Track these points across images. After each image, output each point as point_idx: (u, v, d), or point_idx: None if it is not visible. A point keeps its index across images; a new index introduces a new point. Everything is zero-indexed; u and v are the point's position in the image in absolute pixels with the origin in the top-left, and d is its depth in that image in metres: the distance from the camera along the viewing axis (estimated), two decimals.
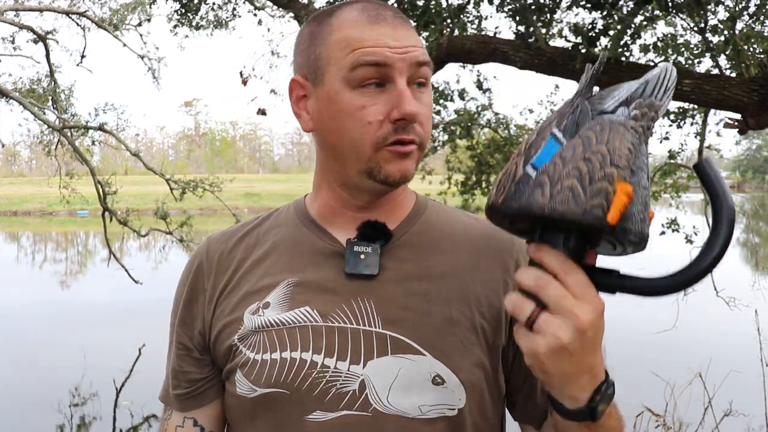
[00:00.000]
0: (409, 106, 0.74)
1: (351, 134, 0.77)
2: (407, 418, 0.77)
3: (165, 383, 0.93)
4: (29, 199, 34.00)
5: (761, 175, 65.60)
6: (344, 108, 0.76)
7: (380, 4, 0.80)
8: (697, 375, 4.07)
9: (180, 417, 0.90)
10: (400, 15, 0.80)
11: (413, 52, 0.76)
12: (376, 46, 0.75)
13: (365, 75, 0.75)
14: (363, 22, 0.77)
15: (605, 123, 0.61)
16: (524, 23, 4.45)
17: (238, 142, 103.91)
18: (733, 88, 3.73)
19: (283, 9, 6.36)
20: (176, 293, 0.93)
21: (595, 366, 0.65)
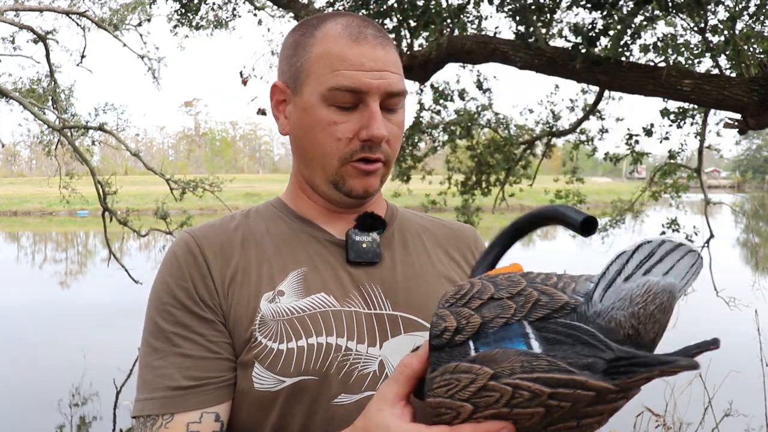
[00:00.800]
0: (378, 130, 0.79)
1: (321, 147, 0.82)
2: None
3: (150, 389, 0.80)
4: (29, 199, 33.99)
5: (761, 175, 65.54)
6: (317, 121, 0.82)
7: (364, 21, 0.84)
8: (697, 375, 4.06)
9: (195, 414, 0.78)
10: (382, 33, 0.83)
11: (388, 80, 0.80)
12: (355, 69, 0.79)
13: (341, 98, 0.80)
14: (345, 39, 0.81)
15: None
16: (524, 23, 4.46)
17: (238, 142, 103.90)
18: (733, 88, 3.73)
19: (283, 9, 6.36)
20: (171, 284, 0.82)
21: None
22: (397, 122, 0.84)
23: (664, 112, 5.86)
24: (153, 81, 9.44)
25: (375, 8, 4.60)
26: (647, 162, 11.03)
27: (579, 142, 7.19)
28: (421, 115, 6.69)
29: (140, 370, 0.82)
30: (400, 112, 0.85)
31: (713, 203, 6.97)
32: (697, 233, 6.62)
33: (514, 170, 7.17)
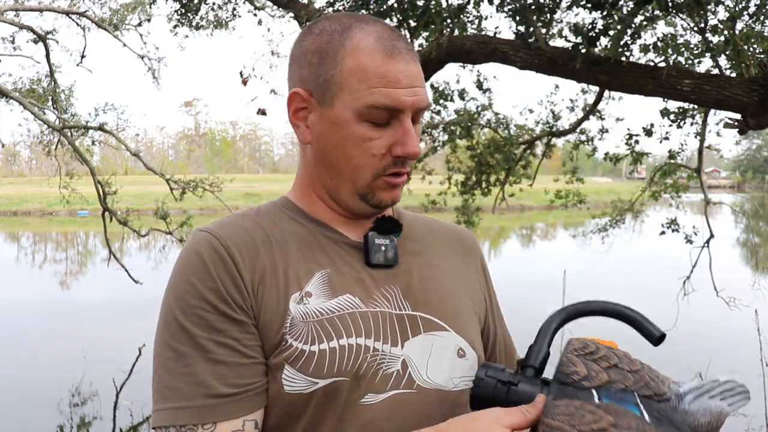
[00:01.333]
0: (413, 148, 0.82)
1: (355, 161, 0.83)
2: (445, 391, 0.84)
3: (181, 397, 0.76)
4: (29, 199, 33.98)
5: (761, 175, 65.52)
6: (351, 136, 0.82)
7: (393, 32, 0.83)
8: (697, 375, 4.07)
9: (238, 422, 0.76)
10: (411, 46, 0.85)
11: (420, 96, 0.82)
12: (393, 86, 0.80)
13: (378, 115, 0.81)
14: (380, 54, 0.80)
15: None
16: (524, 23, 4.45)
17: (238, 142, 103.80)
18: (733, 88, 3.73)
19: (283, 9, 6.36)
20: (199, 286, 0.79)
21: None
22: (419, 133, 0.87)
23: (664, 112, 5.86)
24: (153, 81, 9.44)
25: (375, 8, 4.60)
26: (647, 162, 11.03)
27: (579, 142, 7.18)
28: None
29: (162, 376, 0.77)
30: (419, 126, 0.88)
31: (713, 203, 6.97)
32: (697, 233, 6.62)
33: (514, 170, 7.17)
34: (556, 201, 7.79)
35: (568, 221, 25.82)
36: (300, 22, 5.24)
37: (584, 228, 17.85)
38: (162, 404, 0.76)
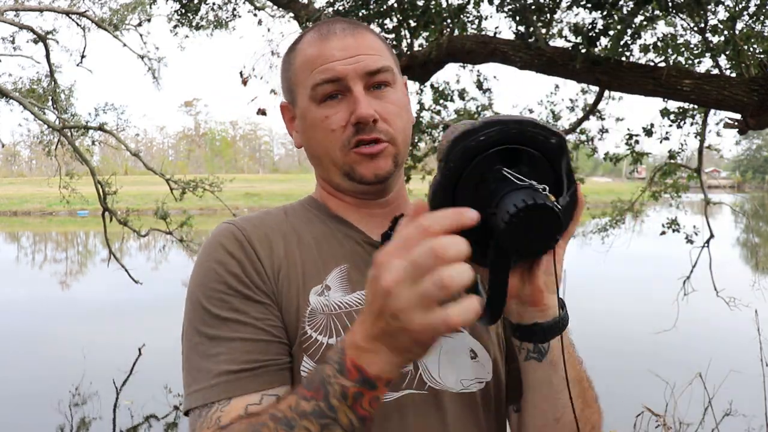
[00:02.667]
0: (362, 109, 0.82)
1: (322, 143, 0.86)
2: (454, 393, 0.83)
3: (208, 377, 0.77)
4: (29, 199, 33.98)
5: (761, 175, 65.49)
6: (313, 121, 0.86)
7: (335, 20, 0.90)
8: (697, 375, 4.07)
9: (255, 396, 0.75)
10: (352, 24, 0.88)
11: (364, 61, 0.84)
12: (328, 61, 0.84)
13: (324, 91, 0.84)
14: (315, 40, 0.86)
15: None
16: (524, 23, 4.45)
17: (238, 142, 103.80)
18: (733, 88, 3.72)
19: (283, 9, 6.36)
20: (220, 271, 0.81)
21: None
22: (392, 100, 0.87)
23: (664, 112, 5.86)
24: (153, 81, 9.45)
25: (375, 8, 4.60)
26: (647, 162, 11.03)
27: (579, 142, 7.18)
28: (421, 115, 6.68)
29: (189, 360, 0.79)
30: (393, 90, 0.87)
31: (713, 203, 6.97)
32: (697, 233, 6.61)
33: None
34: None
35: None
36: (300, 22, 5.24)
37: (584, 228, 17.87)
38: (189, 388, 0.78)
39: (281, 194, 34.68)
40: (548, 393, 0.78)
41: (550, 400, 0.79)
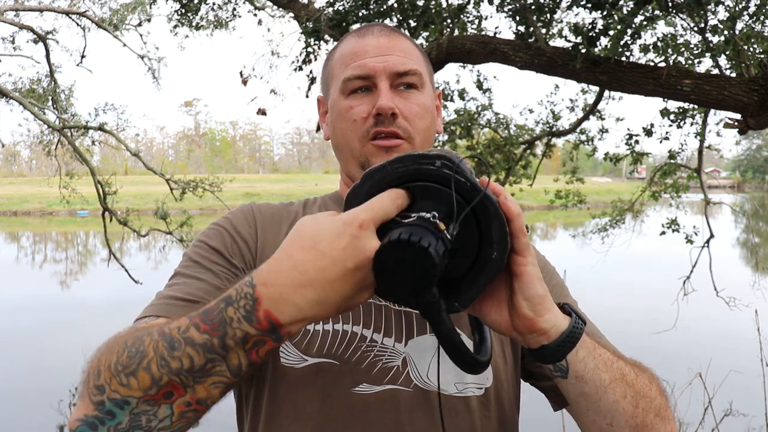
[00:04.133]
0: (382, 102, 0.86)
1: (344, 133, 0.90)
2: (445, 395, 0.83)
3: (155, 299, 0.84)
4: (29, 199, 33.98)
5: (761, 175, 65.52)
6: (339, 112, 0.91)
7: (375, 23, 0.96)
8: (697, 375, 4.06)
9: (183, 320, 0.67)
10: (388, 28, 0.93)
11: (392, 61, 0.88)
12: (361, 58, 0.89)
13: (354, 85, 0.89)
14: (354, 38, 0.93)
15: None
16: (524, 23, 4.45)
17: (238, 142, 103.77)
18: (733, 88, 3.72)
19: (283, 9, 6.36)
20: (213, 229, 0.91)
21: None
22: (417, 101, 0.90)
23: (664, 112, 5.86)
24: (153, 81, 9.44)
25: (375, 8, 4.60)
26: (647, 162, 11.03)
27: (579, 142, 7.18)
28: None
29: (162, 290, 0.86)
30: (419, 93, 0.90)
31: (713, 203, 6.97)
32: (697, 233, 6.61)
33: (514, 170, 7.17)
34: (556, 201, 7.79)
35: (568, 221, 25.83)
36: (300, 22, 5.24)
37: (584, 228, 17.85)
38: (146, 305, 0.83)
39: (281, 194, 34.70)
40: (587, 404, 0.75)
41: (593, 409, 0.76)
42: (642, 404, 0.75)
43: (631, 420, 0.74)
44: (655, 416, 0.76)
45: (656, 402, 0.77)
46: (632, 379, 0.75)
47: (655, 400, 0.77)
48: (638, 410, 0.74)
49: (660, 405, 0.77)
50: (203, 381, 0.62)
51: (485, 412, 0.86)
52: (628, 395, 0.74)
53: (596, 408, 0.75)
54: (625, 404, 0.73)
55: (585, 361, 0.72)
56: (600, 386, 0.72)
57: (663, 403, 0.78)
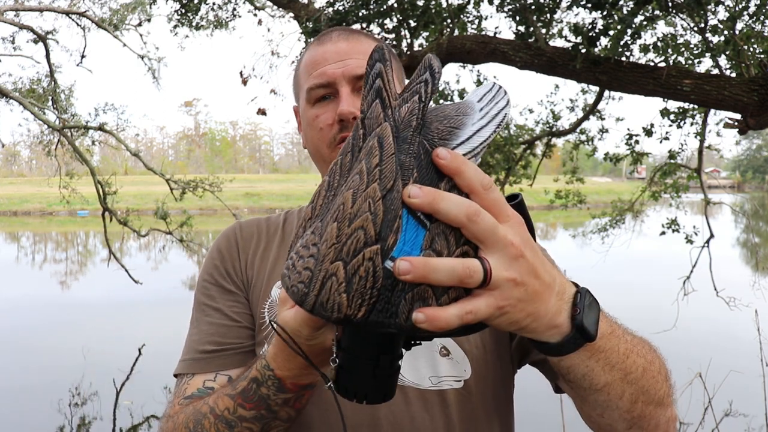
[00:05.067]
0: (343, 107, 0.87)
1: (313, 141, 0.93)
2: (420, 389, 0.83)
3: (185, 352, 0.92)
4: (29, 199, 33.98)
5: (761, 175, 65.52)
6: (307, 121, 0.93)
7: (334, 28, 0.96)
8: (697, 375, 4.06)
9: (211, 374, 0.88)
10: (347, 31, 0.94)
11: (352, 65, 0.89)
12: (321, 66, 0.90)
13: (317, 94, 0.91)
14: (314, 46, 0.94)
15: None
16: (524, 23, 4.46)
17: (238, 142, 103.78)
18: (733, 88, 3.73)
19: (283, 9, 6.36)
20: (209, 264, 0.97)
21: (552, 281, 0.55)
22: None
23: (664, 112, 5.86)
24: (153, 81, 9.44)
25: (375, 8, 4.60)
26: (647, 162, 11.03)
27: (579, 142, 7.19)
28: None
29: (187, 335, 0.95)
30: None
31: (713, 203, 6.97)
32: (697, 233, 6.61)
33: (514, 170, 7.17)
34: (556, 201, 7.79)
35: (568, 221, 25.83)
36: (300, 22, 5.24)
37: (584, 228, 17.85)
38: (181, 356, 0.93)
39: (281, 194, 34.68)
40: (576, 393, 0.71)
41: (582, 399, 0.71)
42: (643, 398, 0.68)
43: (627, 414, 0.68)
44: (656, 406, 0.70)
45: (660, 392, 0.70)
46: (636, 377, 0.67)
47: (659, 391, 0.70)
48: (636, 405, 0.68)
49: (663, 393, 0.71)
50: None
51: (466, 404, 0.85)
52: (626, 393, 0.67)
53: (586, 400, 0.70)
54: (622, 402, 0.67)
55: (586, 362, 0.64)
56: (593, 388, 0.66)
57: (666, 389, 0.72)
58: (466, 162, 0.51)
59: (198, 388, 0.86)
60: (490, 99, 0.56)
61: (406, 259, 0.47)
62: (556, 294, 0.55)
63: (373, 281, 0.47)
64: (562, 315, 0.56)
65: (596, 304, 0.60)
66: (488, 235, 0.49)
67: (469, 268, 0.48)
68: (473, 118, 0.54)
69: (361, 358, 0.56)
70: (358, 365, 0.56)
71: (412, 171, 0.49)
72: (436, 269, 0.47)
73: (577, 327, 0.57)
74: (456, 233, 0.49)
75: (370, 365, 0.56)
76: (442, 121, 0.53)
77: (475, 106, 0.55)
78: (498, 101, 0.55)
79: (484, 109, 0.55)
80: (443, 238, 0.49)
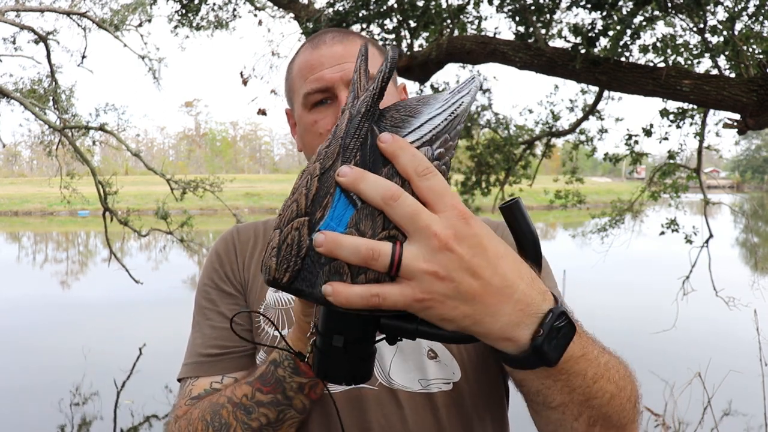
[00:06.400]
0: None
1: (311, 146, 0.92)
2: (409, 392, 0.83)
3: (188, 356, 0.93)
4: (30, 199, 33.98)
5: (760, 175, 65.48)
6: (305, 127, 0.92)
7: (327, 30, 0.95)
8: (696, 375, 4.07)
9: (218, 377, 0.89)
10: (342, 33, 0.93)
11: (349, 69, 0.88)
12: (317, 70, 0.89)
13: (315, 99, 0.89)
14: (308, 50, 0.92)
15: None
16: (524, 23, 4.46)
17: (239, 143, 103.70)
18: (732, 88, 3.73)
19: (283, 9, 6.37)
20: (209, 268, 0.98)
21: (506, 287, 0.50)
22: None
23: (663, 112, 5.87)
24: (153, 81, 9.44)
25: (375, 8, 4.60)
26: (647, 162, 11.03)
27: (578, 143, 7.20)
28: None
29: (189, 339, 0.96)
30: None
31: (712, 203, 6.97)
32: (696, 233, 6.62)
33: (514, 170, 7.18)
34: (556, 201, 7.80)
35: (568, 221, 25.82)
36: (300, 23, 5.25)
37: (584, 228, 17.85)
38: (184, 360, 0.94)
39: (281, 194, 34.66)
40: (530, 403, 0.68)
41: (534, 410, 0.68)
42: (602, 423, 0.63)
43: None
44: (617, 431, 0.65)
45: (624, 419, 0.65)
46: (601, 403, 0.62)
47: (624, 418, 0.65)
48: (594, 429, 0.63)
49: (628, 420, 0.66)
50: (280, 427, 0.77)
51: (457, 407, 0.85)
52: (584, 416, 0.62)
53: (539, 414, 0.67)
54: (578, 423, 0.63)
55: (542, 380, 0.59)
56: (547, 405, 0.62)
57: (633, 416, 0.67)
58: (405, 148, 0.50)
59: (205, 389, 0.87)
60: (457, 90, 0.56)
61: (323, 233, 0.48)
62: (515, 303, 0.51)
63: (297, 249, 0.49)
64: (521, 329, 0.52)
65: (569, 327, 0.54)
66: (406, 221, 0.48)
67: (373, 249, 0.47)
68: (432, 107, 0.55)
69: (331, 341, 0.58)
70: (330, 348, 0.58)
71: (355, 154, 0.51)
72: (343, 246, 0.47)
73: (534, 348, 0.52)
74: (384, 216, 0.49)
75: (340, 348, 0.58)
76: (400, 110, 0.55)
77: (441, 97, 0.56)
78: (463, 92, 0.56)
79: (447, 100, 0.56)
80: (370, 220, 0.49)
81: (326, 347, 0.59)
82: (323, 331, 0.59)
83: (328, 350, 0.59)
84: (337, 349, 0.58)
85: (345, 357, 0.59)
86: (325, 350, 0.59)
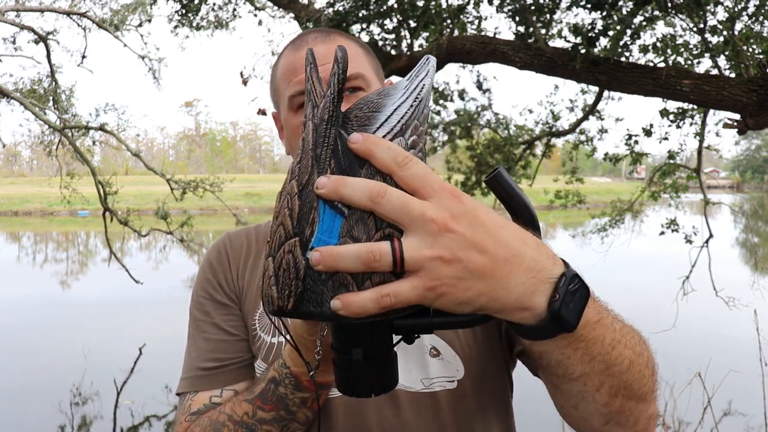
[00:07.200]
0: None
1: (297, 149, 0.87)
2: (412, 392, 0.82)
3: (186, 370, 0.93)
4: (30, 199, 33.98)
5: (760, 175, 65.49)
6: (292, 129, 0.90)
7: (308, 31, 0.93)
8: (696, 375, 4.07)
9: (217, 390, 0.88)
10: (323, 33, 0.91)
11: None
12: (300, 72, 0.87)
13: (299, 101, 0.88)
14: (290, 51, 0.91)
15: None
16: (524, 23, 4.46)
17: (239, 143, 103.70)
18: (732, 88, 3.73)
19: (283, 9, 6.37)
20: (202, 278, 0.97)
21: (513, 255, 0.49)
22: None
23: (663, 112, 5.87)
24: (153, 81, 9.44)
25: (375, 8, 4.60)
26: (647, 162, 11.03)
27: (578, 142, 7.20)
28: None
29: (185, 352, 0.95)
30: (366, 93, 0.86)
31: (712, 203, 6.97)
32: (696, 233, 6.62)
33: (514, 170, 7.19)
34: (556, 201, 7.80)
35: (568, 221, 25.83)
36: (300, 23, 5.25)
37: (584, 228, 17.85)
38: (181, 375, 0.93)
39: None
40: (549, 380, 0.67)
41: (555, 388, 0.66)
42: (624, 393, 0.62)
43: (604, 408, 0.63)
44: (638, 402, 0.64)
45: (645, 388, 0.64)
46: (620, 370, 0.61)
47: (644, 386, 0.64)
48: (616, 399, 0.62)
49: (648, 389, 0.64)
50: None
51: (461, 404, 0.84)
52: (606, 385, 0.61)
53: (559, 389, 0.65)
54: (600, 395, 0.61)
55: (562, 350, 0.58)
56: (567, 377, 0.61)
57: (652, 385, 0.65)
58: (378, 143, 0.49)
59: (204, 404, 0.87)
60: (415, 75, 0.55)
61: (317, 250, 0.46)
62: (526, 271, 0.50)
63: (295, 272, 0.48)
64: (537, 297, 0.51)
65: (584, 290, 0.53)
66: (399, 214, 0.47)
67: (372, 252, 0.46)
68: (394, 98, 0.53)
69: (350, 356, 0.56)
70: (351, 363, 0.57)
71: (329, 162, 0.49)
72: (341, 257, 0.46)
73: (552, 314, 0.51)
74: (375, 217, 0.48)
75: (361, 361, 0.56)
76: (363, 108, 0.53)
77: (400, 86, 0.55)
78: (421, 75, 0.55)
79: (407, 87, 0.54)
80: (361, 224, 0.48)
81: (347, 363, 0.57)
82: (340, 348, 0.57)
83: (349, 366, 0.57)
84: (358, 362, 0.56)
85: (368, 368, 0.57)
86: (347, 366, 0.57)
